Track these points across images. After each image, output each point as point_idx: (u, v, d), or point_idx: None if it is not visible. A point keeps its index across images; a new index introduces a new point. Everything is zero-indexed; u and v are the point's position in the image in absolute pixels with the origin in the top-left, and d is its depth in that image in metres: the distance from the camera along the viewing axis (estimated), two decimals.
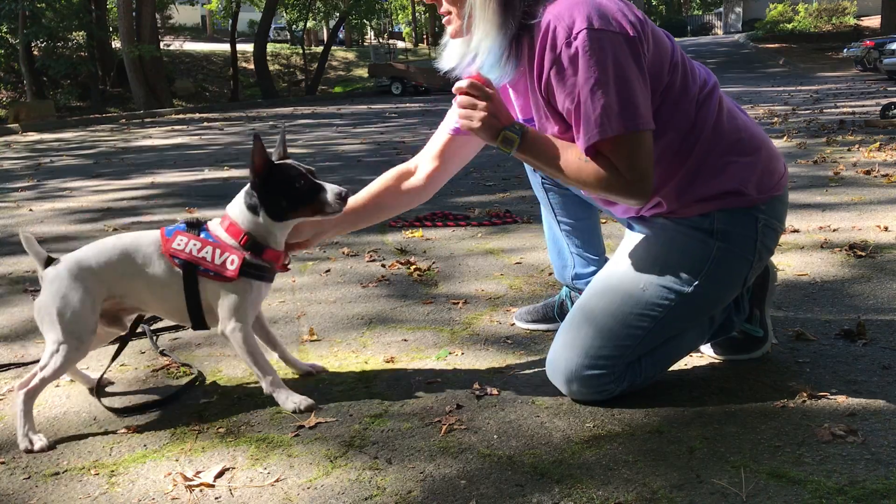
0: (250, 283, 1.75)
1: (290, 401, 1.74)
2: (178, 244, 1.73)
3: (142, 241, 1.77)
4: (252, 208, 1.74)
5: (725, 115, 1.64)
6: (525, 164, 2.12)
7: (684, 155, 1.60)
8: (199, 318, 1.77)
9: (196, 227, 1.77)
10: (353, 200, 1.86)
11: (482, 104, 1.56)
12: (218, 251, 1.72)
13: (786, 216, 1.73)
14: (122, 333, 1.87)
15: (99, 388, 1.85)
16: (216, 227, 1.77)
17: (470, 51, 1.62)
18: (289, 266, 1.88)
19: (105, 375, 1.92)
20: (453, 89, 1.60)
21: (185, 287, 1.73)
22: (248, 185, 1.75)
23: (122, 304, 1.79)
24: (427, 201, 2.03)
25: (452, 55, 1.68)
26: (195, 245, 1.73)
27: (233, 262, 1.71)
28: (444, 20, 1.64)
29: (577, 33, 1.44)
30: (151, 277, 1.74)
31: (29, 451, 1.61)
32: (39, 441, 1.63)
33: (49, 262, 1.72)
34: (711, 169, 1.61)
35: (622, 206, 1.73)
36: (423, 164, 1.95)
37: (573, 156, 1.54)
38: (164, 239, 1.75)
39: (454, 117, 1.84)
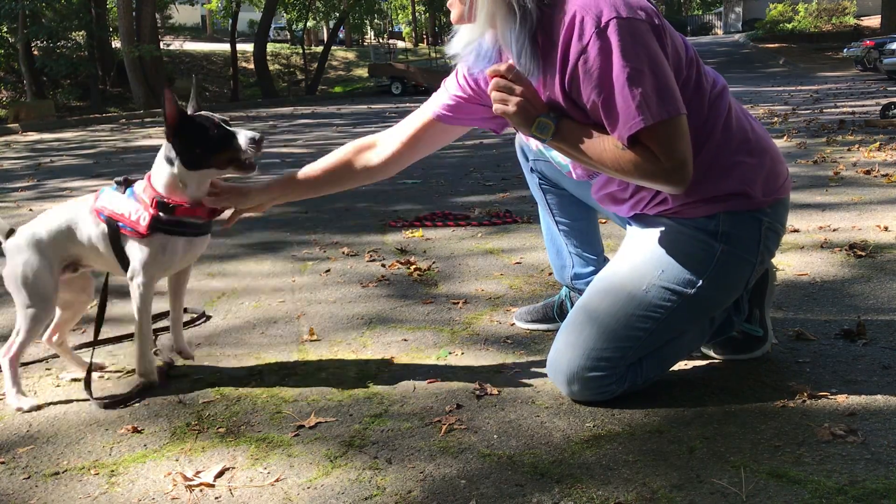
0: (167, 238, 1.79)
1: (150, 386, 1.88)
2: (104, 202, 1.83)
3: (82, 202, 1.88)
4: (168, 160, 1.79)
5: (734, 116, 1.64)
6: (522, 165, 2.13)
7: (694, 152, 1.59)
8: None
9: (126, 185, 1.86)
10: (308, 169, 1.90)
11: (519, 89, 1.52)
12: (133, 208, 1.79)
13: (787, 219, 1.73)
14: (88, 300, 2.03)
15: (88, 380, 1.87)
16: (138, 185, 1.84)
17: (473, 40, 1.59)
18: (225, 220, 1.91)
19: (97, 361, 2.01)
20: (487, 72, 1.56)
21: (110, 240, 1.82)
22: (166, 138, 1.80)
23: (79, 262, 1.91)
24: (427, 202, 2.02)
25: (458, 41, 1.65)
26: (118, 201, 1.82)
27: (143, 219, 1.77)
28: (447, 3, 1.62)
29: (607, 23, 1.42)
30: (87, 234, 1.85)
31: (20, 410, 1.78)
32: (29, 401, 1.80)
33: (10, 233, 1.87)
34: (720, 168, 1.61)
35: (629, 203, 1.73)
36: (387, 145, 1.88)
37: (610, 144, 1.50)
38: (96, 197, 1.86)
39: (440, 101, 1.82)
